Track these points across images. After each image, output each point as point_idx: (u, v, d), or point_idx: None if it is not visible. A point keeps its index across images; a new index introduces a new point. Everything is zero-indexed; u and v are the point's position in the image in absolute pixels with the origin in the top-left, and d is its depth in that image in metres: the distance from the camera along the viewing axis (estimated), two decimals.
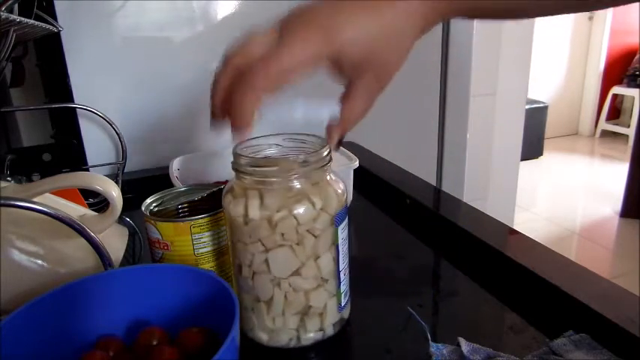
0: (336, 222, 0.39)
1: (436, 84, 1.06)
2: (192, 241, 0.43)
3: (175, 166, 0.71)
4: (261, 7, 0.85)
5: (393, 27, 0.35)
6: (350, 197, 0.61)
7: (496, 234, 0.55)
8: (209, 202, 0.47)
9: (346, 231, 0.42)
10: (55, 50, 0.76)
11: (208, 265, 0.44)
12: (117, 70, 0.83)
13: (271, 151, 0.43)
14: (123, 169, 0.82)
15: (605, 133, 3.88)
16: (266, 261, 0.39)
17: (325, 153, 0.39)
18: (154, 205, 0.46)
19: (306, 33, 0.34)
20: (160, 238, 0.43)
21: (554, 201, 2.77)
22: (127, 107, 0.84)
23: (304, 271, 0.39)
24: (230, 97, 0.34)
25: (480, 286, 0.50)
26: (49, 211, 0.37)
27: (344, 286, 0.42)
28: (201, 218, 0.43)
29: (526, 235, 0.54)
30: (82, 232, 0.39)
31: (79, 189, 0.54)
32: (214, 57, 0.99)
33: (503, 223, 0.57)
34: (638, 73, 3.58)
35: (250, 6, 0.86)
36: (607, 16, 3.65)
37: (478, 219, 0.60)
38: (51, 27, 0.62)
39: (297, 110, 0.91)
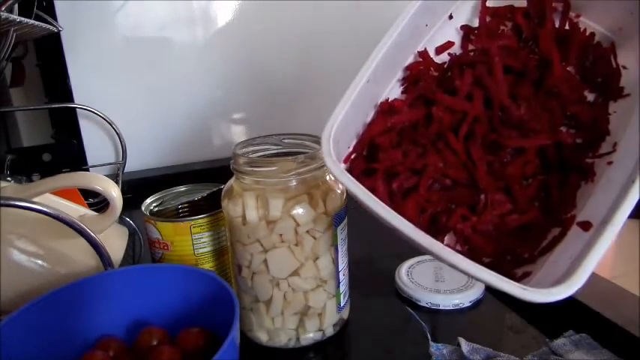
0: (335, 222, 0.39)
1: None
2: (192, 241, 0.43)
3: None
4: (261, 7, 0.85)
5: None
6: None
7: None
8: (209, 202, 0.47)
9: (345, 231, 0.42)
10: (55, 50, 0.76)
11: (208, 265, 0.44)
12: (117, 70, 0.83)
13: (270, 151, 0.43)
14: (123, 169, 0.82)
15: None
16: (265, 261, 0.39)
17: None
18: (154, 205, 0.46)
19: None
20: (160, 238, 0.43)
21: None
22: (127, 107, 0.84)
23: (303, 272, 0.39)
24: None
25: None
26: (49, 211, 0.37)
27: (343, 287, 0.42)
28: (201, 218, 0.43)
29: None
30: (82, 232, 0.39)
31: (79, 189, 0.54)
32: (214, 57, 0.99)
33: None
34: None
35: (250, 6, 0.86)
36: None
37: None
38: (51, 27, 0.62)
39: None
